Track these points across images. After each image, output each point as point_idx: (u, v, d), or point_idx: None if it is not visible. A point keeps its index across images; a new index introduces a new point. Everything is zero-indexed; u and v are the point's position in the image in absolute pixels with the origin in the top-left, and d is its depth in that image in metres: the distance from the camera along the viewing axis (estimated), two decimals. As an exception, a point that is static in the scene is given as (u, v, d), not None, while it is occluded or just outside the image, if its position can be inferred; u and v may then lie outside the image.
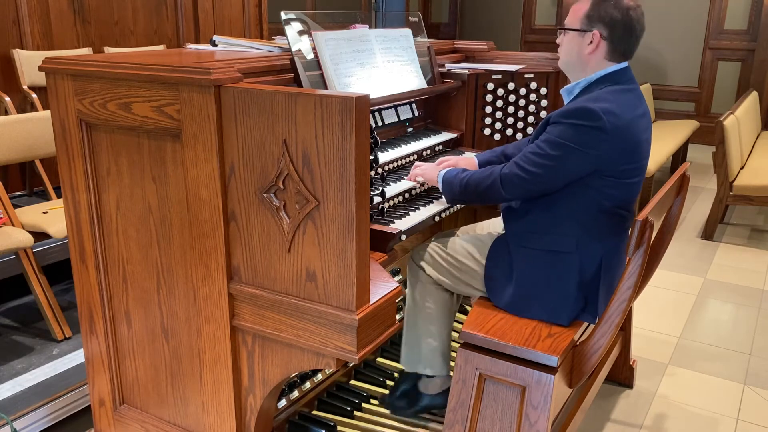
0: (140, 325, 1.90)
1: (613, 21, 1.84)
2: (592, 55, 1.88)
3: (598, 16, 1.85)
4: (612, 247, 1.92)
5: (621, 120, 1.77)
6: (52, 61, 1.80)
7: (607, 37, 1.85)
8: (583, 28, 1.88)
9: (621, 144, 1.79)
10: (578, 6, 1.91)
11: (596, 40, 1.86)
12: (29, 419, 2.30)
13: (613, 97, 1.81)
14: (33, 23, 4.14)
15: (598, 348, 1.83)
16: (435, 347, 2.14)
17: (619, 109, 1.78)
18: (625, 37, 1.85)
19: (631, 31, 1.86)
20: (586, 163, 1.79)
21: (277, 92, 1.44)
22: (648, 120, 1.92)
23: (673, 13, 7.56)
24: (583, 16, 1.88)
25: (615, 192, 1.85)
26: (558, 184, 1.84)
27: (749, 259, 4.20)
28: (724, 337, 3.18)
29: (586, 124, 1.76)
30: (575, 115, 1.77)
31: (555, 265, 1.90)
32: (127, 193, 1.79)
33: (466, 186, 1.94)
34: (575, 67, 1.94)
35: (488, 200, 1.96)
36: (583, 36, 1.88)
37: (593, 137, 1.76)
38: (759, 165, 4.84)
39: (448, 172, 2.02)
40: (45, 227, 2.79)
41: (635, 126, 1.82)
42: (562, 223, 1.88)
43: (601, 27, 1.85)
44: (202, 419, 1.86)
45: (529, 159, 1.83)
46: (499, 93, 2.65)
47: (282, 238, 1.52)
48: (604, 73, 1.89)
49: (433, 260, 2.11)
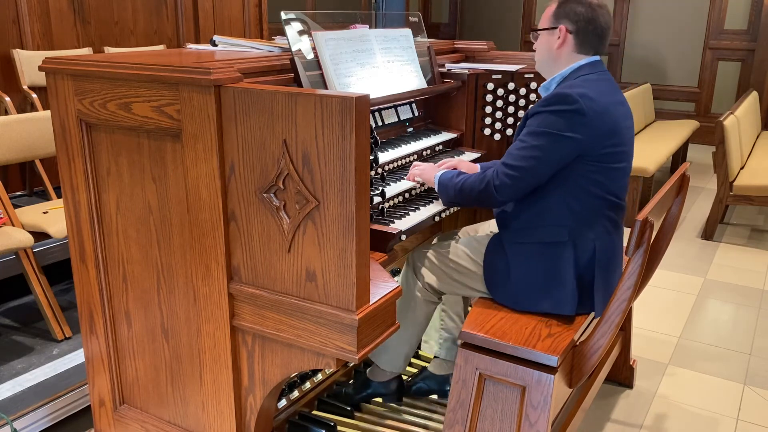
0: (140, 325, 1.90)
1: (577, 15, 1.92)
2: (561, 49, 1.96)
3: (563, 12, 1.95)
4: (606, 236, 1.93)
5: (597, 104, 1.82)
6: (52, 61, 1.80)
7: (573, 30, 1.94)
8: (550, 26, 1.98)
9: (600, 126, 1.82)
10: (548, 9, 2.01)
11: (563, 35, 1.95)
12: (29, 419, 2.30)
13: (587, 84, 1.87)
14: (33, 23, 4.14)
15: (598, 348, 1.83)
16: (402, 351, 2.21)
17: (595, 94, 1.83)
18: (590, 29, 1.93)
19: (596, 24, 1.92)
20: (569, 148, 1.82)
21: (277, 92, 1.44)
22: (627, 109, 1.96)
23: (673, 13, 7.57)
24: (551, 15, 1.98)
25: (601, 177, 1.87)
26: (546, 174, 1.86)
27: (749, 259, 4.21)
28: (724, 337, 3.18)
29: (564, 109, 1.80)
30: (552, 102, 1.83)
31: (551, 257, 1.92)
32: (127, 193, 1.79)
33: (461, 190, 1.96)
34: (548, 64, 2.02)
35: (483, 204, 1.99)
36: (551, 33, 1.97)
37: (573, 120, 1.80)
38: (759, 165, 4.84)
39: (444, 175, 2.04)
40: (45, 227, 2.79)
41: (613, 111, 1.87)
42: (553, 215, 1.90)
43: (567, 22, 1.94)
44: (202, 419, 1.86)
45: (514, 155, 1.86)
46: (499, 93, 2.65)
47: (282, 238, 1.52)
48: (577, 66, 1.96)
49: (432, 266, 2.12)
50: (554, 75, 1.99)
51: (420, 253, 2.17)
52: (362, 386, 2.31)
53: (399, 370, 2.24)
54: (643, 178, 4.68)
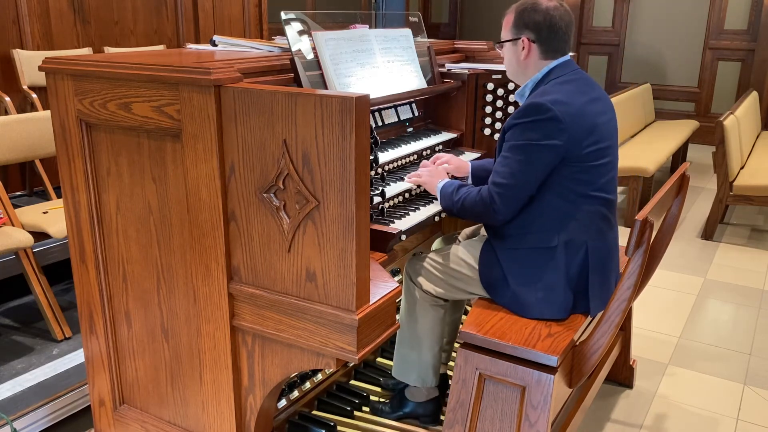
0: (140, 325, 1.90)
1: (536, 24, 1.94)
2: (528, 59, 1.99)
3: (522, 23, 1.96)
4: (597, 235, 1.93)
5: (570, 107, 1.84)
6: (52, 61, 1.80)
7: (535, 39, 1.95)
8: (512, 37, 2.00)
9: (577, 128, 1.84)
10: (506, 19, 2.02)
11: (526, 45, 1.97)
12: (29, 419, 2.30)
13: (557, 89, 1.88)
14: (33, 23, 4.14)
15: (598, 348, 1.83)
16: (426, 361, 2.18)
17: (566, 98, 1.85)
18: (551, 35, 1.94)
19: (556, 29, 1.94)
20: (551, 155, 1.84)
21: (277, 92, 1.44)
22: (604, 104, 1.97)
23: (673, 13, 7.56)
24: (511, 26, 2.00)
25: (586, 176, 1.88)
26: (535, 183, 1.88)
27: (749, 259, 4.20)
28: (724, 337, 3.18)
29: (539, 118, 1.82)
30: (526, 113, 1.84)
31: (542, 262, 1.92)
32: (127, 193, 1.79)
33: (462, 207, 1.97)
34: (518, 73, 2.05)
35: (486, 222, 2.01)
36: (515, 44, 1.99)
37: (549, 128, 1.82)
38: (759, 165, 4.84)
39: (445, 187, 2.04)
40: (45, 227, 2.78)
41: (588, 109, 1.88)
42: (543, 220, 1.91)
43: (527, 32, 1.96)
44: (202, 419, 1.86)
45: (501, 173, 1.88)
46: (499, 93, 2.65)
47: (282, 238, 1.52)
48: (547, 69, 1.97)
49: (428, 273, 2.12)
50: (527, 81, 2.01)
51: (416, 263, 2.17)
52: (399, 405, 2.30)
53: (432, 383, 2.21)
54: (643, 178, 4.68)
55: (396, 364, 2.25)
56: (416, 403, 2.26)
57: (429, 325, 2.15)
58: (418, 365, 2.18)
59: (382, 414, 2.32)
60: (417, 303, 2.15)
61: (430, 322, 2.15)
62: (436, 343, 2.17)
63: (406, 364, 2.21)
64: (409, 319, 2.18)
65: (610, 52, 8.04)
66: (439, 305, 2.14)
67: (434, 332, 2.16)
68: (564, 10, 1.95)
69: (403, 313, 2.21)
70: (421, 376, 2.20)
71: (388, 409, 2.31)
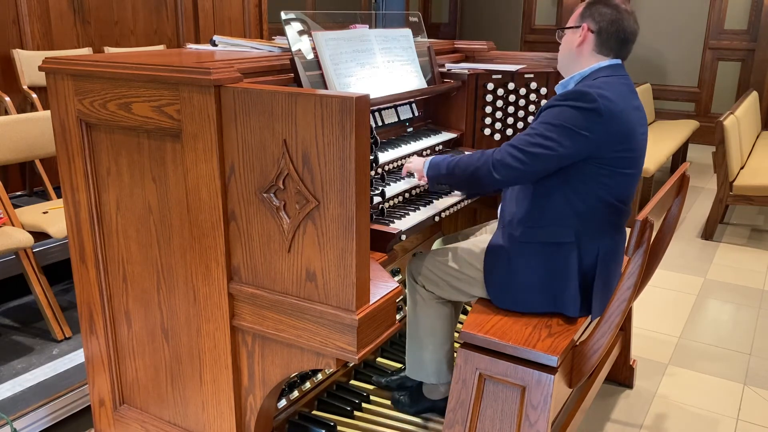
0: (140, 325, 1.90)
1: (602, 15, 1.92)
2: (581, 47, 1.95)
3: (589, 12, 1.95)
4: (610, 241, 1.93)
5: (615, 105, 1.80)
6: (52, 61, 1.80)
7: (595, 30, 1.93)
8: (575, 24, 1.97)
9: (615, 128, 1.80)
10: (577, 8, 2.00)
11: (584, 33, 1.94)
12: (29, 419, 2.30)
13: (607, 85, 1.85)
14: (33, 23, 4.14)
15: (598, 348, 1.83)
16: (438, 358, 2.19)
17: (614, 96, 1.82)
18: (612, 31, 1.91)
19: (620, 28, 1.91)
20: (580, 146, 1.80)
21: (277, 92, 1.44)
22: (643, 116, 1.94)
23: (673, 13, 7.56)
24: (578, 14, 1.98)
25: (611, 182, 1.86)
26: (552, 167, 1.83)
27: (749, 259, 4.20)
28: (724, 337, 3.18)
29: (581, 106, 1.79)
30: (571, 97, 1.81)
31: (555, 257, 1.91)
32: (127, 193, 1.79)
33: (455, 167, 1.93)
34: (568, 61, 2.01)
35: (476, 185, 1.94)
36: (575, 32, 1.97)
37: (588, 119, 1.78)
38: (759, 165, 4.84)
39: (435, 157, 2.05)
40: (45, 227, 2.78)
41: (629, 115, 1.85)
42: (561, 215, 1.89)
43: (590, 21, 1.94)
44: (202, 419, 1.86)
45: (524, 140, 1.83)
46: (499, 93, 2.65)
47: (282, 238, 1.52)
48: (596, 67, 1.94)
49: (430, 275, 2.12)
50: (573, 74, 1.97)
51: (417, 263, 2.17)
52: (418, 402, 2.31)
53: (447, 379, 2.22)
54: (643, 178, 4.68)
55: (409, 363, 2.26)
56: (433, 400, 2.28)
57: (436, 324, 2.15)
58: (430, 363, 2.19)
59: (401, 408, 2.33)
60: (423, 302, 2.15)
61: (437, 320, 2.15)
62: (447, 339, 2.17)
63: (418, 364, 2.22)
64: (415, 318, 2.18)
65: (610, 52, 8.04)
66: (444, 302, 2.15)
67: (443, 330, 2.16)
68: (634, 17, 1.94)
69: (409, 313, 2.21)
70: (435, 373, 2.21)
71: (408, 403, 2.32)
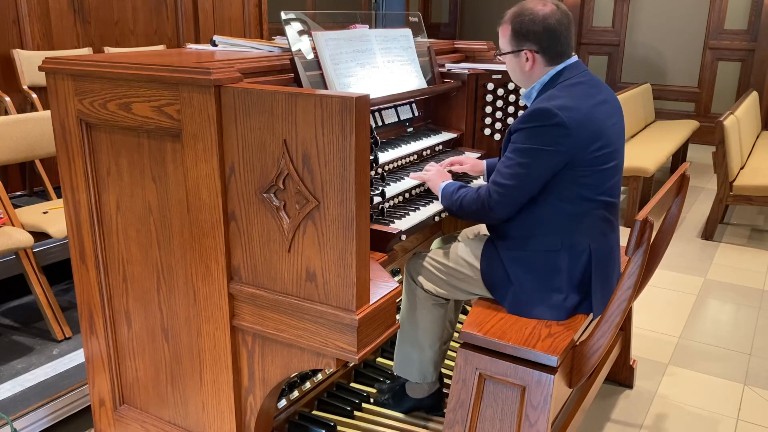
0: (140, 325, 1.90)
1: (536, 34, 1.91)
2: (533, 69, 1.96)
3: (522, 35, 1.93)
4: (600, 237, 1.93)
5: (577, 112, 1.82)
6: (52, 61, 1.80)
7: (538, 50, 1.93)
8: (513, 49, 1.97)
9: (584, 134, 1.82)
10: (503, 30, 1.99)
11: (530, 57, 1.94)
12: (29, 419, 2.29)
13: (565, 93, 1.86)
14: (33, 23, 4.14)
15: (598, 348, 1.83)
16: (427, 358, 2.20)
17: (574, 102, 1.83)
18: (553, 42, 1.91)
19: (557, 35, 1.91)
20: (556, 160, 1.83)
21: (277, 92, 1.44)
22: (612, 106, 1.95)
23: (673, 13, 7.56)
24: (510, 38, 1.96)
25: (591, 180, 1.87)
26: (536, 187, 1.87)
27: (749, 259, 4.20)
28: (724, 337, 3.18)
29: (545, 124, 1.81)
30: (533, 118, 1.83)
31: (545, 265, 1.92)
32: (127, 193, 1.79)
33: (461, 206, 1.99)
34: (523, 80, 2.03)
35: (483, 221, 2.03)
36: (518, 56, 1.96)
37: (556, 134, 1.80)
38: (759, 165, 4.84)
39: (446, 187, 2.06)
40: (45, 227, 2.78)
41: (594, 114, 1.86)
42: (547, 223, 1.90)
43: (528, 44, 1.93)
44: (202, 419, 1.86)
45: (503, 173, 1.88)
46: (499, 93, 2.65)
47: (282, 238, 1.52)
48: (553, 73, 1.95)
49: (429, 273, 2.12)
50: (533, 85, 1.99)
51: (416, 262, 2.17)
52: (401, 400, 2.32)
53: (432, 378, 2.23)
54: (643, 178, 4.68)
55: (397, 361, 2.27)
56: (416, 399, 2.30)
57: (430, 324, 2.16)
58: (419, 363, 2.20)
59: (384, 405, 2.34)
60: (418, 302, 2.15)
61: (432, 320, 2.15)
62: (438, 340, 2.18)
63: (407, 362, 2.23)
64: (410, 317, 2.18)
65: (610, 52, 8.04)
66: (440, 304, 2.15)
67: (435, 330, 2.17)
68: (561, 12, 1.91)
69: (404, 312, 2.21)
70: (422, 372, 2.22)
71: (391, 402, 2.34)
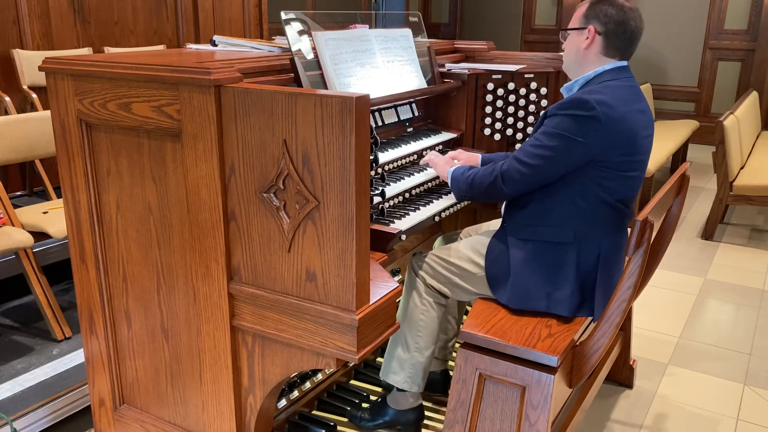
0: (140, 325, 1.90)
1: (608, 17, 1.91)
2: (589, 49, 1.95)
3: (594, 13, 1.93)
4: (610, 242, 1.93)
5: (615, 111, 1.82)
6: (52, 61, 1.80)
7: (602, 32, 1.92)
8: (580, 26, 1.97)
9: (615, 134, 1.82)
10: (579, 8, 2.00)
11: (591, 35, 1.93)
12: (29, 419, 2.30)
13: (608, 90, 1.86)
14: (33, 23, 4.14)
15: (598, 348, 1.83)
16: (417, 362, 2.12)
17: (613, 101, 1.83)
18: (619, 32, 1.91)
19: (625, 27, 1.91)
20: (581, 152, 1.83)
21: (277, 92, 1.44)
22: (648, 118, 1.94)
23: (673, 13, 7.56)
24: (582, 15, 1.97)
25: (613, 185, 1.88)
26: (555, 174, 1.88)
27: (749, 259, 4.20)
28: (724, 337, 3.18)
29: (580, 114, 1.81)
30: (570, 106, 1.83)
31: (553, 256, 1.92)
32: (127, 193, 1.79)
33: (472, 183, 2.00)
34: (575, 64, 2.01)
35: (492, 197, 2.01)
36: (581, 33, 1.96)
37: (587, 126, 1.81)
38: (759, 165, 4.84)
39: (456, 170, 2.09)
40: (45, 227, 2.78)
41: (631, 119, 1.85)
42: (560, 215, 1.91)
43: (596, 23, 1.93)
44: (202, 419, 1.86)
45: (527, 152, 1.88)
46: (499, 93, 2.65)
47: (282, 238, 1.52)
48: (601, 70, 1.94)
49: (433, 270, 2.11)
50: (579, 77, 1.99)
51: (420, 260, 2.16)
52: (379, 413, 2.22)
53: (419, 389, 2.15)
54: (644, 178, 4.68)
55: (385, 364, 2.18)
56: (397, 411, 2.20)
57: (426, 326, 2.13)
58: (410, 366, 2.13)
59: (359, 423, 2.24)
60: (417, 299, 2.13)
61: (428, 322, 2.13)
62: (432, 344, 2.14)
63: (396, 364, 2.14)
64: (406, 318, 2.15)
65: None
66: (439, 304, 2.14)
67: (430, 333, 2.13)
68: (639, 15, 1.92)
69: (400, 312, 2.19)
70: (410, 377, 2.13)
71: (367, 416, 2.24)
